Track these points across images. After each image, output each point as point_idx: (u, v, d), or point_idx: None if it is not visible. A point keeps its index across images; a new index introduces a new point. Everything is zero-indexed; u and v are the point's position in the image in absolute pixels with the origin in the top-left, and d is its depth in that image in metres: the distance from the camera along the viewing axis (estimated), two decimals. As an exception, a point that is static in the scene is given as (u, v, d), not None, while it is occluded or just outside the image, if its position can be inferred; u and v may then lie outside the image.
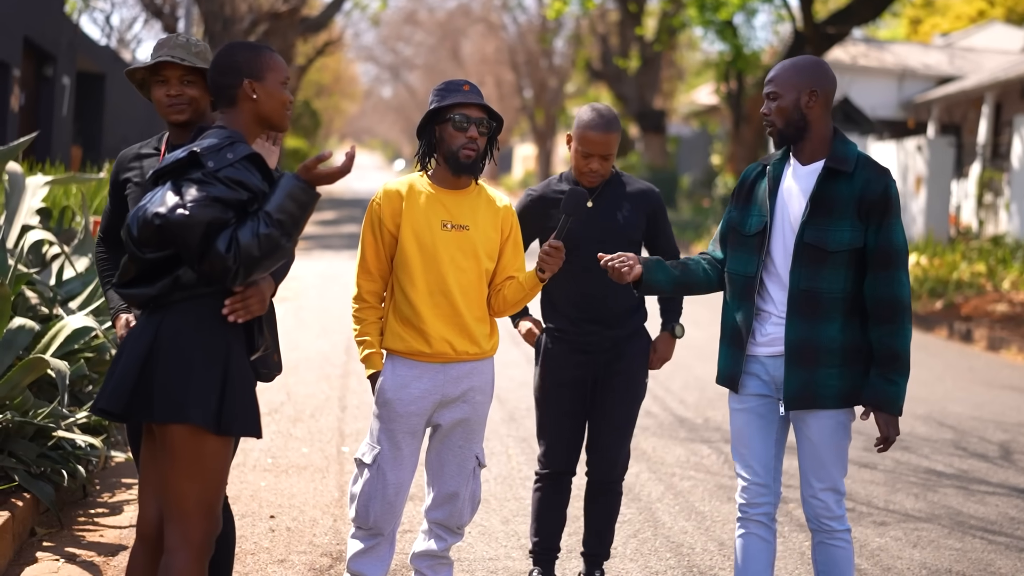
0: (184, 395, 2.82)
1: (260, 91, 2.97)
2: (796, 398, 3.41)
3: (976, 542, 5.11)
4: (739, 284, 3.52)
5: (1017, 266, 14.70)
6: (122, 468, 5.42)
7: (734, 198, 3.62)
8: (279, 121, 3.03)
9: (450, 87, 3.59)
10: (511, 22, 43.92)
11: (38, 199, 6.11)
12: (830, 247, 3.36)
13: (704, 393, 8.12)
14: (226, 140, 2.87)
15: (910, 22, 41.94)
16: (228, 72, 2.97)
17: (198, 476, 2.87)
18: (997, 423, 7.80)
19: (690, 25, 24.84)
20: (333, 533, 4.73)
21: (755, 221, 3.50)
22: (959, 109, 24.93)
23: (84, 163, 19.66)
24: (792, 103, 3.39)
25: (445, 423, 3.64)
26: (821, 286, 3.38)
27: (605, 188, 4.04)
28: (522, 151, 58.38)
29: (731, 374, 3.54)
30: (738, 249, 3.54)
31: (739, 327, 3.51)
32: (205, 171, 2.79)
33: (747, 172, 3.62)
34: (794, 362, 3.40)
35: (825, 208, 3.37)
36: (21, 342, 4.86)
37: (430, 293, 3.56)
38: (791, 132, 3.43)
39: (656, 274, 3.55)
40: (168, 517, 2.91)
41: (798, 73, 3.41)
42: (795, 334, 3.40)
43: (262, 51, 3.02)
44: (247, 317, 2.91)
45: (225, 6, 21.05)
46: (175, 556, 2.88)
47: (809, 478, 3.48)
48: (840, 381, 3.41)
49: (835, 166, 3.37)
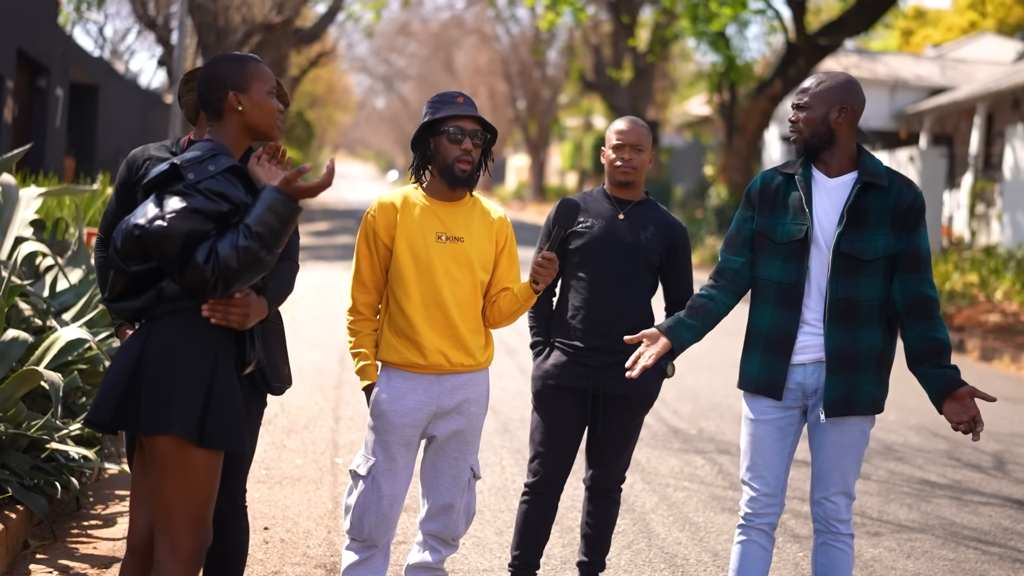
0: (168, 406, 2.83)
1: (245, 102, 2.98)
2: (837, 404, 3.48)
3: (970, 552, 5.12)
4: (775, 291, 3.54)
5: (1009, 276, 14.74)
6: (116, 480, 5.41)
7: (756, 205, 3.61)
8: (267, 130, 3.04)
9: (444, 99, 3.60)
10: (504, 33, 44.05)
11: (31, 211, 6.10)
12: (866, 256, 3.45)
13: (697, 404, 8.13)
14: (208, 152, 2.88)
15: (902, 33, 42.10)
16: (213, 85, 2.99)
17: (186, 488, 2.87)
18: (990, 433, 7.82)
19: (683, 36, 24.92)
20: (327, 545, 4.72)
21: (790, 229, 3.52)
22: (951, 120, 25.02)
23: (77, 174, 19.64)
24: (821, 116, 3.49)
25: (440, 435, 3.64)
26: (859, 294, 3.46)
27: (637, 207, 4.05)
28: (515, 162, 58.44)
29: (771, 382, 3.54)
30: (770, 256, 3.56)
31: (780, 335, 3.52)
32: (186, 183, 2.81)
33: (767, 179, 3.63)
34: (835, 370, 3.47)
35: (860, 219, 3.47)
36: (15, 354, 4.85)
37: (425, 305, 3.56)
38: (815, 142, 3.52)
39: (682, 335, 3.56)
40: (157, 529, 2.90)
41: (831, 88, 3.51)
42: (835, 342, 3.46)
43: (246, 62, 3.02)
44: (221, 321, 2.88)
45: (219, 18, 21.09)
46: (164, 569, 2.87)
47: (825, 481, 3.55)
48: (875, 388, 3.51)
49: (871, 180, 3.47)
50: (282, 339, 3.47)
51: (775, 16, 21.23)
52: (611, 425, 4.04)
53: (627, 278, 3.95)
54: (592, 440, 4.10)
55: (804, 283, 3.50)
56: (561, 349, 4.04)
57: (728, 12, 19.23)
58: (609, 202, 4.06)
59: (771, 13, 21.16)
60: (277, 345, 3.42)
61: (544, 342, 4.10)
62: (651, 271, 4.02)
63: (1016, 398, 9.47)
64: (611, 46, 32.62)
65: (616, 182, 4.04)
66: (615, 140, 4.01)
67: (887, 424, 7.79)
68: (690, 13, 20.45)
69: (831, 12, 32.14)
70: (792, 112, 3.57)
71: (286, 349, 3.50)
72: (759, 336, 3.58)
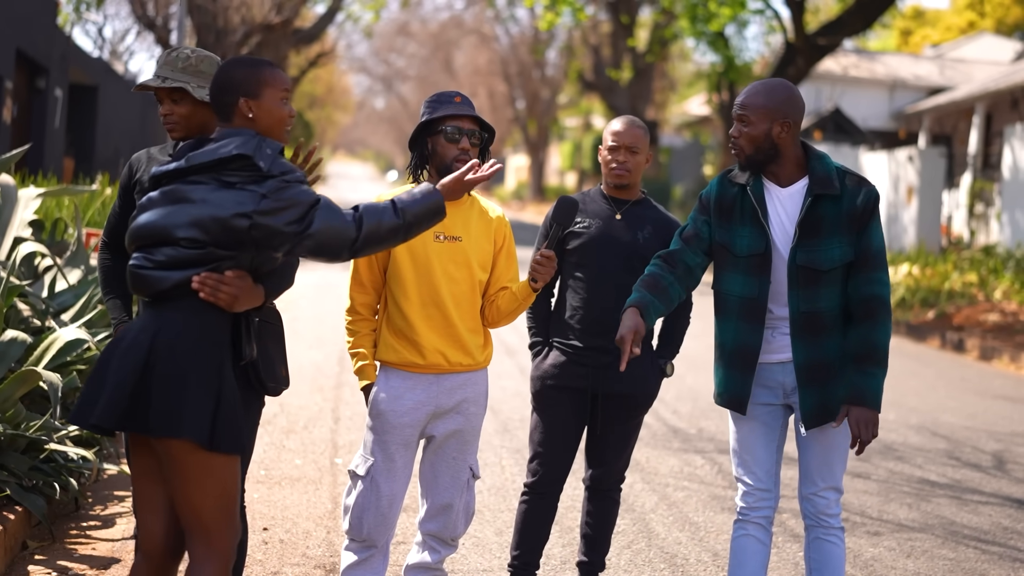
0: (180, 409, 2.79)
1: (256, 109, 2.95)
2: (815, 415, 3.47)
3: (969, 552, 5.12)
4: (738, 305, 3.52)
5: (1008, 276, 14.74)
6: (114, 481, 5.40)
7: (712, 214, 3.56)
8: (276, 138, 3.01)
9: (441, 99, 3.60)
10: (503, 34, 44.05)
11: (30, 211, 6.10)
12: (824, 267, 3.41)
13: (697, 404, 8.13)
14: (253, 138, 2.89)
15: (901, 33, 42.11)
16: (225, 90, 2.95)
17: (210, 488, 2.84)
18: (990, 432, 7.82)
19: (682, 36, 24.91)
20: (327, 545, 4.72)
21: (748, 243, 3.48)
22: (950, 120, 25.03)
23: (76, 175, 19.62)
24: (763, 132, 3.42)
25: (439, 434, 3.64)
26: (821, 305, 3.44)
27: (634, 207, 4.05)
28: (515, 162, 58.45)
29: (738, 396, 3.55)
30: (730, 269, 3.53)
31: (744, 349, 3.51)
32: (276, 179, 2.84)
33: (722, 189, 3.55)
34: (807, 382, 3.46)
35: (814, 230, 3.42)
36: (13, 354, 4.84)
37: (423, 304, 3.56)
38: (759, 158, 3.46)
39: (651, 318, 3.48)
40: (190, 532, 2.87)
41: (770, 102, 3.42)
42: (803, 355, 3.45)
43: (260, 67, 2.98)
44: (209, 297, 2.83)
45: (218, 18, 21.09)
46: (203, 568, 2.85)
47: (813, 477, 3.56)
48: None
49: (822, 191, 3.41)
50: (281, 340, 3.46)
51: (774, 16, 21.23)
52: (610, 425, 4.03)
53: (625, 277, 3.95)
54: (591, 440, 4.10)
55: (766, 297, 3.47)
56: (560, 349, 4.03)
57: (727, 12, 19.23)
58: (606, 202, 4.05)
59: (770, 13, 21.16)
60: (275, 346, 3.42)
61: (542, 342, 4.09)
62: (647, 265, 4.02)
63: (1016, 398, 9.47)
64: (610, 46, 32.63)
65: (611, 183, 4.04)
66: (610, 141, 4.01)
67: (887, 423, 7.78)
68: (689, 13, 20.45)
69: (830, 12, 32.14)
70: (733, 126, 3.48)
71: (284, 350, 3.49)
72: (724, 351, 3.58)
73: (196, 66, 3.36)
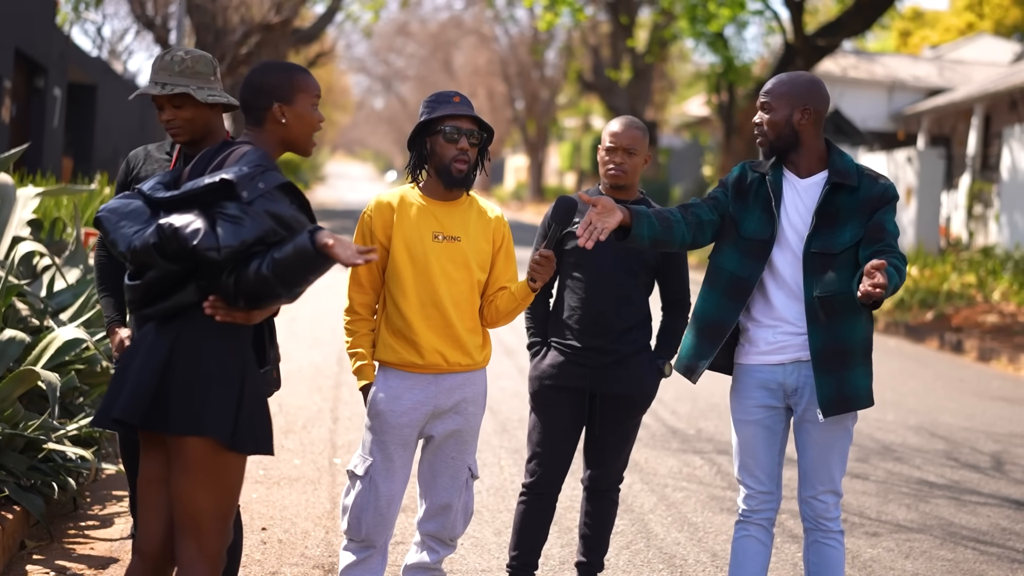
0: (203, 408, 2.78)
1: (289, 114, 2.93)
2: (832, 403, 3.46)
3: (968, 552, 5.12)
4: (726, 281, 3.55)
5: (1007, 277, 14.75)
6: (113, 480, 5.40)
7: (731, 189, 3.61)
8: (304, 145, 2.98)
9: (440, 99, 3.60)
10: (503, 34, 44.06)
11: (29, 210, 6.09)
12: (836, 249, 3.44)
13: (696, 404, 8.12)
14: (259, 169, 2.79)
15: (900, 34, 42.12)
16: (259, 94, 2.92)
17: (215, 489, 2.84)
18: (988, 433, 7.82)
19: (681, 37, 24.92)
20: (325, 545, 4.72)
21: (756, 227, 3.53)
22: (949, 121, 25.03)
23: (75, 174, 19.61)
24: (784, 118, 3.48)
25: (437, 434, 3.64)
26: (835, 288, 3.44)
27: (633, 207, 4.03)
28: (514, 162, 58.45)
29: (692, 365, 3.62)
30: (731, 245, 3.57)
31: (716, 323, 3.55)
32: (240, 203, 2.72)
33: (743, 171, 3.63)
34: (823, 369, 3.46)
35: (830, 220, 3.46)
36: (12, 354, 4.84)
37: (422, 305, 3.56)
38: (781, 145, 3.52)
39: (643, 227, 3.43)
40: (183, 530, 2.86)
41: (793, 89, 3.49)
42: (820, 341, 3.46)
43: (295, 73, 2.95)
44: (225, 318, 2.81)
45: (217, 18, 21.08)
46: (193, 569, 2.84)
47: (812, 480, 3.57)
48: (867, 379, 3.51)
49: (840, 180, 3.46)
50: (274, 341, 3.45)
51: (773, 17, 21.23)
52: (609, 425, 4.03)
53: (623, 278, 3.95)
54: (590, 440, 4.09)
55: (755, 281, 3.50)
56: (558, 349, 4.03)
57: (726, 13, 19.23)
58: None
59: (769, 14, 21.16)
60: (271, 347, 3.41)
61: (541, 342, 4.09)
62: (647, 270, 4.01)
63: (1014, 399, 9.47)
64: (609, 47, 32.63)
65: (608, 184, 4.04)
66: (608, 142, 4.00)
67: (885, 424, 7.79)
68: (688, 14, 20.45)
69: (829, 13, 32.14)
70: (757, 114, 3.56)
71: (278, 351, 3.48)
72: (696, 318, 3.62)
73: (193, 67, 3.33)
